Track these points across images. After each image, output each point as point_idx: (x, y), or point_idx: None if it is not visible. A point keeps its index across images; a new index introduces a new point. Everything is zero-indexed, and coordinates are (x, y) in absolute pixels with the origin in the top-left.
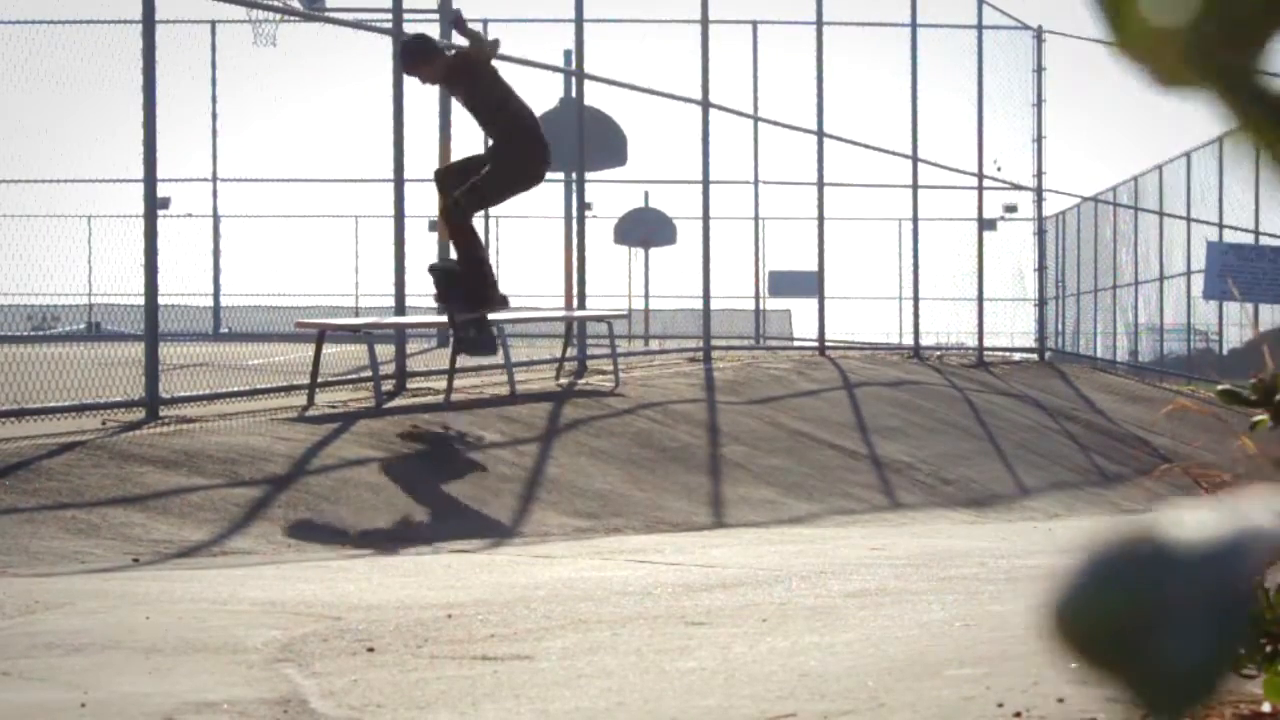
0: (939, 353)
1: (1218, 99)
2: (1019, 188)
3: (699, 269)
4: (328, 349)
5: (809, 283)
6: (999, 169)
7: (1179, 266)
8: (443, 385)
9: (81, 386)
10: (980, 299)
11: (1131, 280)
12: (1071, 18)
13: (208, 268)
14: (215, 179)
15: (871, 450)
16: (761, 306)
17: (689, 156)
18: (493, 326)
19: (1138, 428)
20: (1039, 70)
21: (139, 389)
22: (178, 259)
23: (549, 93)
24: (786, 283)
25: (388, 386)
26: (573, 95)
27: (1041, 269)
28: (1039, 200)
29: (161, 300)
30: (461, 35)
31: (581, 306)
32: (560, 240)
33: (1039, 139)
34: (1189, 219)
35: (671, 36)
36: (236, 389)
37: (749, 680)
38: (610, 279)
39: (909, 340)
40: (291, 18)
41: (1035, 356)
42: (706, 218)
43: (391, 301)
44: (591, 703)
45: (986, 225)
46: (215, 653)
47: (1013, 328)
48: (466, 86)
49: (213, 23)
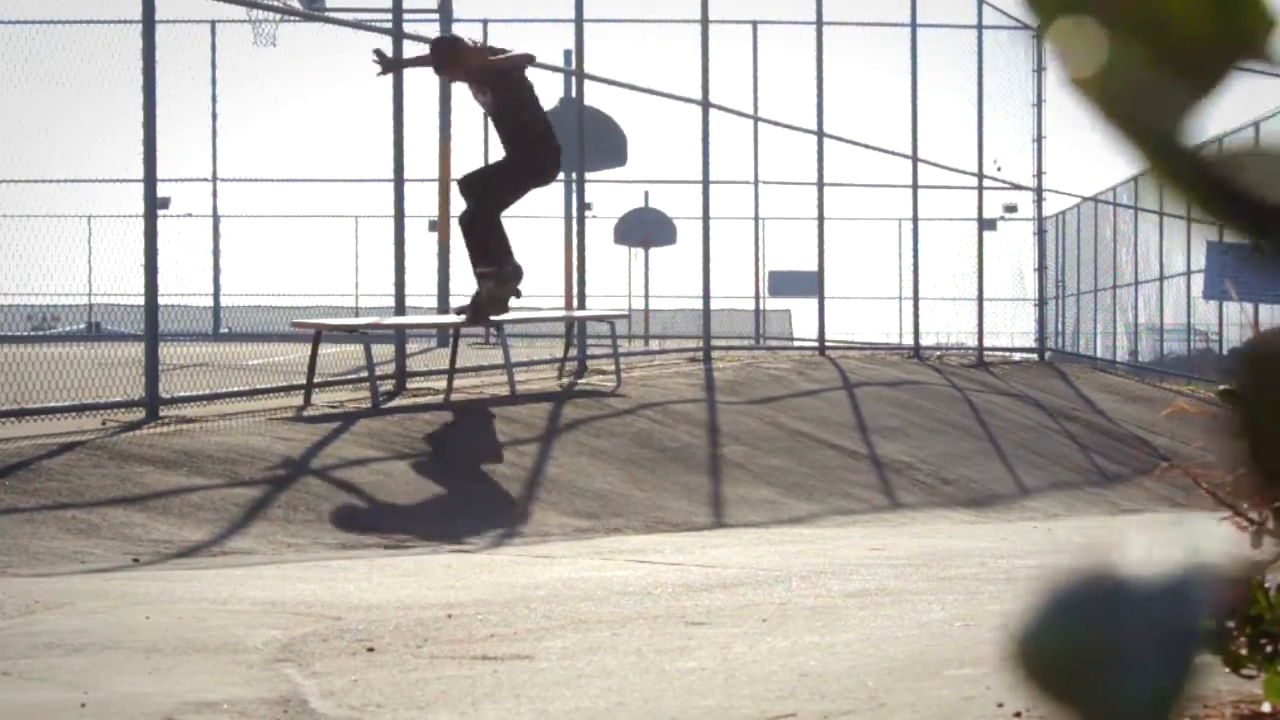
0: (939, 353)
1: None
2: (1019, 188)
3: (699, 269)
4: (329, 349)
5: (809, 283)
6: (999, 169)
7: (1179, 266)
8: (443, 385)
9: (81, 386)
10: (980, 299)
11: (1131, 280)
12: None
13: (208, 268)
14: (215, 179)
15: (871, 450)
16: (761, 306)
17: (689, 156)
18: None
19: (1138, 428)
20: (1039, 70)
21: (139, 389)
22: (178, 259)
23: (549, 93)
24: (786, 283)
25: (388, 386)
26: (573, 95)
27: (1041, 269)
28: (1039, 200)
29: (161, 300)
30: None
31: (582, 306)
32: (560, 240)
33: (1039, 139)
34: (1189, 219)
35: (671, 36)
36: (236, 389)
37: (749, 680)
38: (610, 279)
39: (909, 340)
40: (291, 18)
41: (1035, 356)
42: (706, 218)
43: (391, 302)
44: (591, 703)
45: (986, 225)
46: (215, 653)
47: (1013, 328)
48: (491, 90)
49: (213, 23)
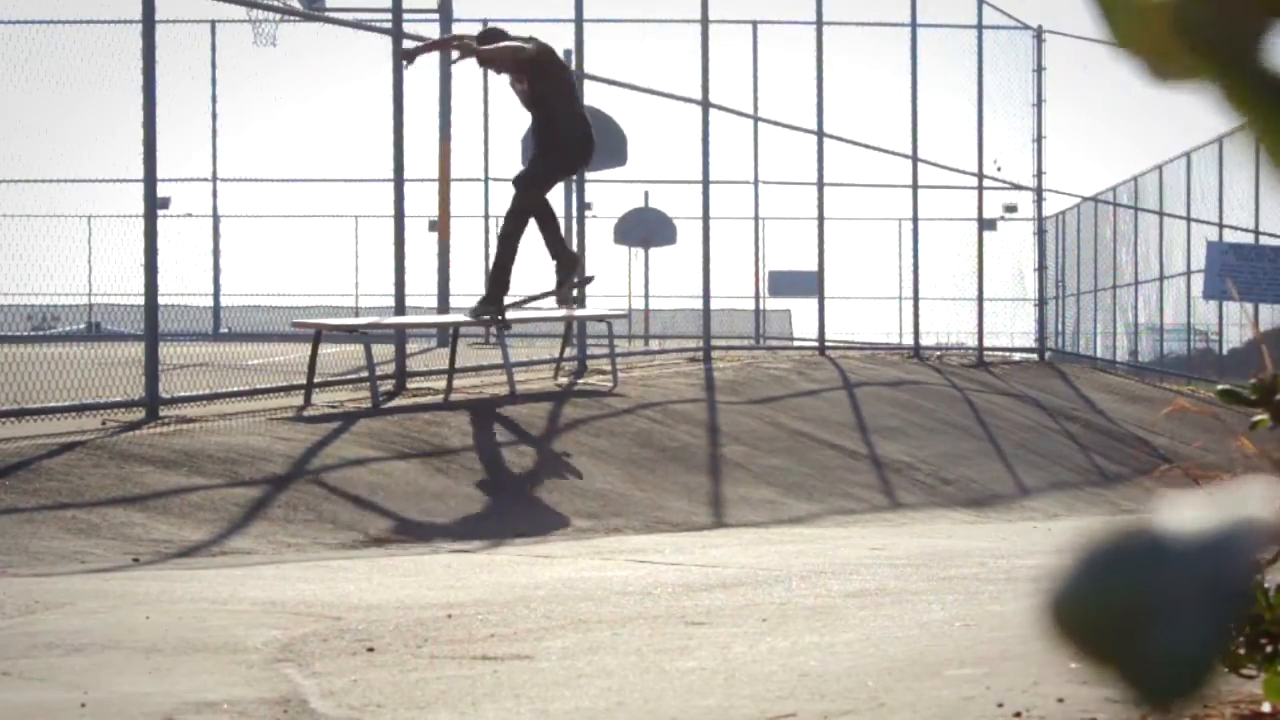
0: (939, 353)
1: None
2: (1019, 188)
3: (699, 269)
4: (329, 349)
5: (809, 283)
6: (999, 169)
7: (1179, 266)
8: (442, 385)
9: (81, 386)
10: (980, 299)
11: (1131, 280)
12: (1071, 18)
13: (208, 268)
14: (215, 179)
15: (871, 450)
16: (761, 306)
17: (689, 156)
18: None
19: (1138, 428)
20: (1039, 70)
21: (139, 389)
22: (178, 259)
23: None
24: (786, 283)
25: (387, 386)
26: None
27: (1041, 269)
28: (1039, 200)
29: (161, 300)
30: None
31: (581, 306)
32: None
33: (1039, 139)
34: (1189, 219)
35: (671, 36)
36: (236, 389)
37: (749, 680)
38: (610, 279)
39: (909, 340)
40: (291, 18)
41: (1035, 356)
42: (706, 218)
43: (391, 302)
44: (591, 703)
45: (986, 225)
46: (215, 653)
47: (1013, 328)
48: (527, 80)
49: (213, 23)
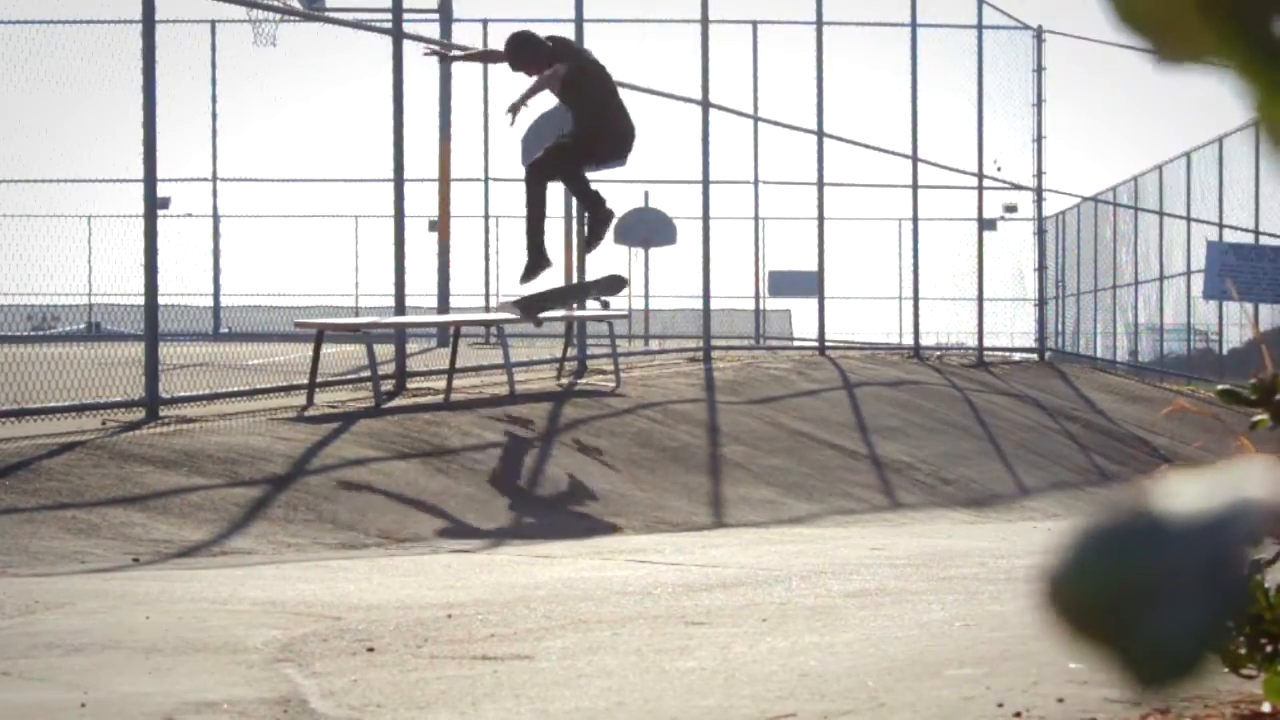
0: (939, 353)
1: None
2: (1019, 188)
3: (699, 269)
4: (328, 349)
5: (809, 283)
6: (999, 169)
7: (1179, 266)
8: (442, 385)
9: (81, 386)
10: (980, 299)
11: (1131, 280)
12: (1071, 18)
13: (208, 268)
14: (215, 179)
15: (871, 450)
16: (761, 306)
17: (689, 156)
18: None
19: (1138, 428)
20: (1039, 70)
21: (139, 389)
22: (178, 259)
23: (548, 92)
24: (786, 283)
25: (388, 386)
26: None
27: (1041, 269)
28: (1039, 200)
29: (161, 300)
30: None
31: (581, 306)
32: (560, 240)
33: (1039, 139)
34: (1189, 219)
35: (671, 36)
36: (236, 389)
37: (749, 680)
38: None
39: (909, 340)
40: (291, 18)
41: (1035, 356)
42: (706, 218)
43: (391, 302)
44: (591, 703)
45: (986, 225)
46: (215, 653)
47: (1013, 328)
48: (577, 96)
49: (213, 23)
